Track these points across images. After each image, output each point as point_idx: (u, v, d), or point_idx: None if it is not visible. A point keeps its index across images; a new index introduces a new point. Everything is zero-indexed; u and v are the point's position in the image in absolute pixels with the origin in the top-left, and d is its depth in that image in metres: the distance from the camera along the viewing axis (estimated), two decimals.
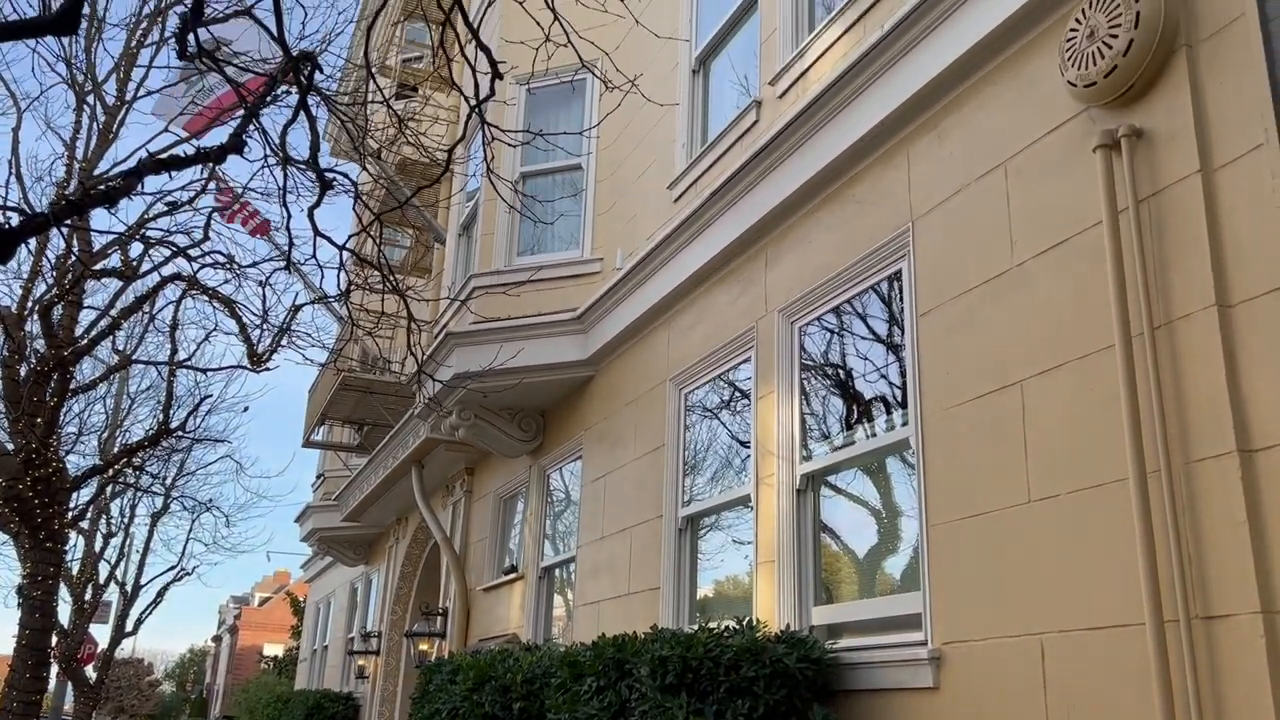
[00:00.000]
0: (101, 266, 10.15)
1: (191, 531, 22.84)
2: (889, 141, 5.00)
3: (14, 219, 4.03)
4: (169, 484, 20.01)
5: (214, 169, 8.43)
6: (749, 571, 5.74)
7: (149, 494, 20.05)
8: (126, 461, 13.05)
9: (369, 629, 14.82)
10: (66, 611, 18.38)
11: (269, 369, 9.94)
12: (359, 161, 8.21)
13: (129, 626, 21.77)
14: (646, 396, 7.21)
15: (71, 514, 12.08)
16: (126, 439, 17.99)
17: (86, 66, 10.14)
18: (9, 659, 10.03)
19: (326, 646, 18.66)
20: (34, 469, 9.43)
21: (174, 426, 11.57)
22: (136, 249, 9.92)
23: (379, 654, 13.86)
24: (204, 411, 15.54)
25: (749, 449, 5.90)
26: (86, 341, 10.25)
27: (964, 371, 4.27)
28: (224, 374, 20.03)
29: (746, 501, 5.82)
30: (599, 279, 8.14)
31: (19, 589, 10.11)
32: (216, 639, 57.95)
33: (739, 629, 4.77)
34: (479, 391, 8.16)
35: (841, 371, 5.40)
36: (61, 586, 13.65)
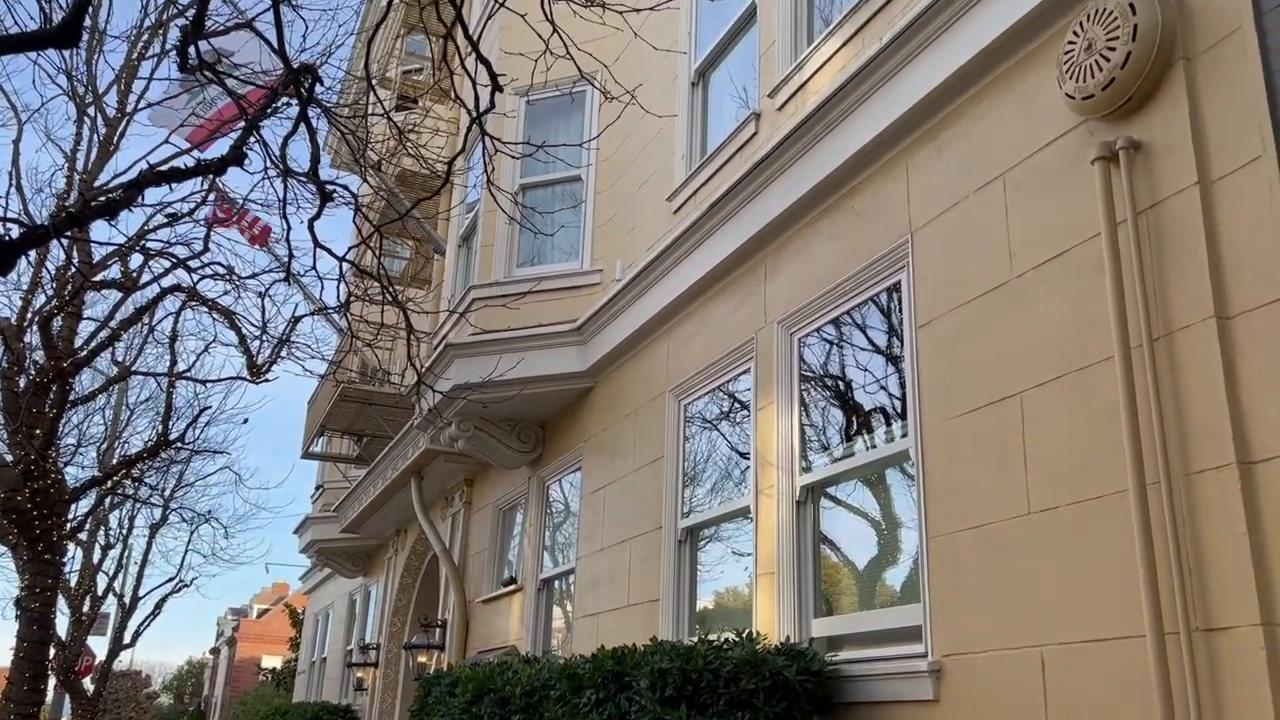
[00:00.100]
0: (101, 278, 10.15)
1: (190, 543, 22.89)
2: (888, 153, 5.01)
3: (14, 231, 4.04)
4: (168, 495, 19.98)
5: (214, 181, 8.45)
6: (749, 583, 5.73)
7: (148, 505, 20.02)
8: (125, 473, 13.04)
9: (367, 641, 14.78)
10: (64, 623, 18.34)
11: (268, 380, 9.93)
12: (359, 173, 8.23)
13: (127, 638, 21.72)
14: (646, 408, 7.21)
15: (70, 525, 12.06)
16: (125, 450, 17.97)
17: (87, 78, 10.17)
18: (7, 671, 10.00)
19: (325, 658, 18.60)
20: (33, 480, 9.42)
21: (173, 438, 11.55)
22: (136, 260, 9.94)
23: (378, 666, 13.81)
24: (203, 423, 15.55)
25: (748, 460, 5.90)
26: (86, 353, 10.25)
27: (963, 383, 4.27)
28: (223, 385, 19.99)
29: (746, 513, 5.81)
30: (599, 290, 8.15)
31: (17, 601, 10.09)
32: (214, 651, 57.76)
33: (739, 641, 4.75)
34: (478, 403, 8.15)
35: (841, 383, 5.40)
36: (59, 598, 13.63)
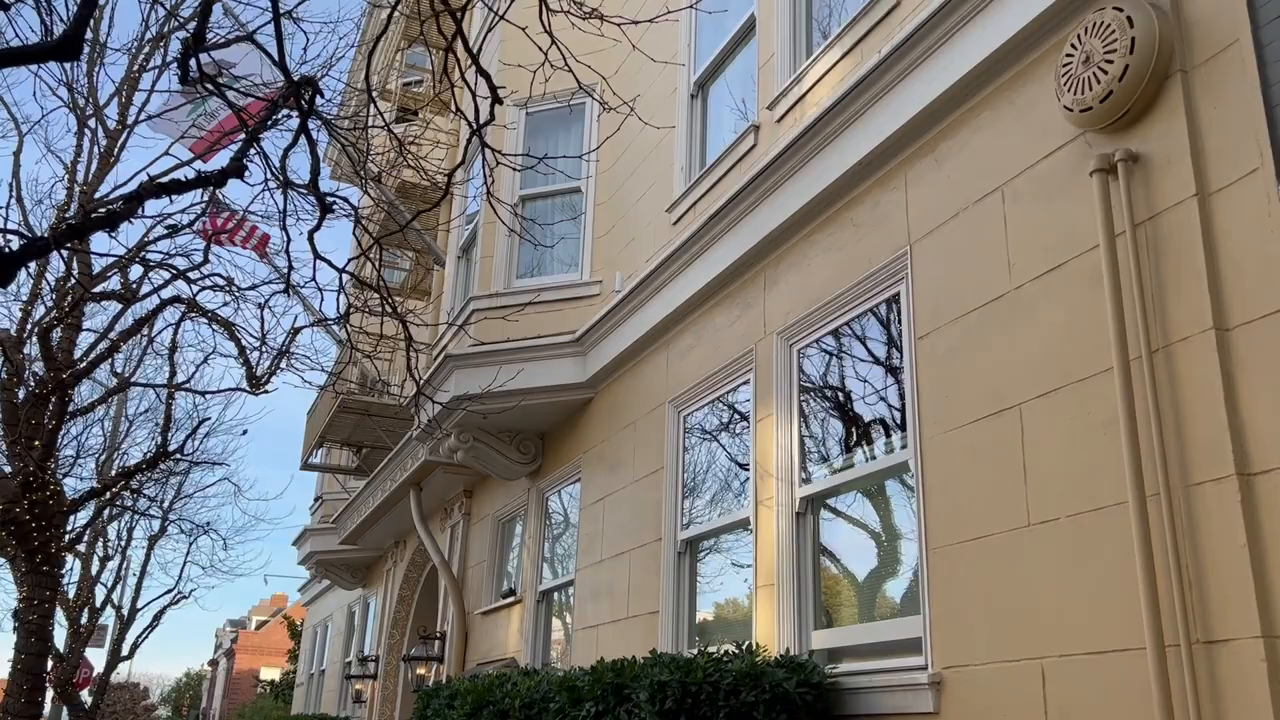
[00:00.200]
0: (101, 289, 10.17)
1: (189, 555, 22.81)
2: (887, 165, 5.02)
3: (14, 242, 4.05)
4: (166, 507, 19.94)
5: (214, 193, 8.46)
6: (748, 595, 5.72)
7: (146, 517, 19.98)
8: (124, 484, 13.02)
9: (366, 653, 14.74)
10: (62, 635, 18.28)
11: (268, 392, 9.94)
12: (359, 185, 8.24)
13: (125, 650, 21.65)
14: (645, 419, 7.21)
15: (68, 537, 12.03)
16: (124, 462, 17.95)
17: (88, 90, 10.20)
18: (4, 683, 9.98)
19: (324, 670, 18.55)
20: (31, 492, 9.40)
21: (172, 449, 11.54)
22: (136, 272, 9.96)
23: (376, 678, 13.77)
24: (202, 434, 15.54)
25: (748, 472, 5.89)
26: (85, 364, 10.25)
27: (963, 394, 4.27)
28: (222, 396, 20.03)
29: (746, 524, 5.81)
30: (598, 301, 8.16)
31: (15, 613, 10.06)
32: (213, 663, 57.62)
33: (738, 653, 4.74)
34: (478, 414, 8.15)
35: (840, 394, 5.40)
36: (57, 610, 13.58)
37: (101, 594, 20.56)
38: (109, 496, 13.96)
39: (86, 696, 19.95)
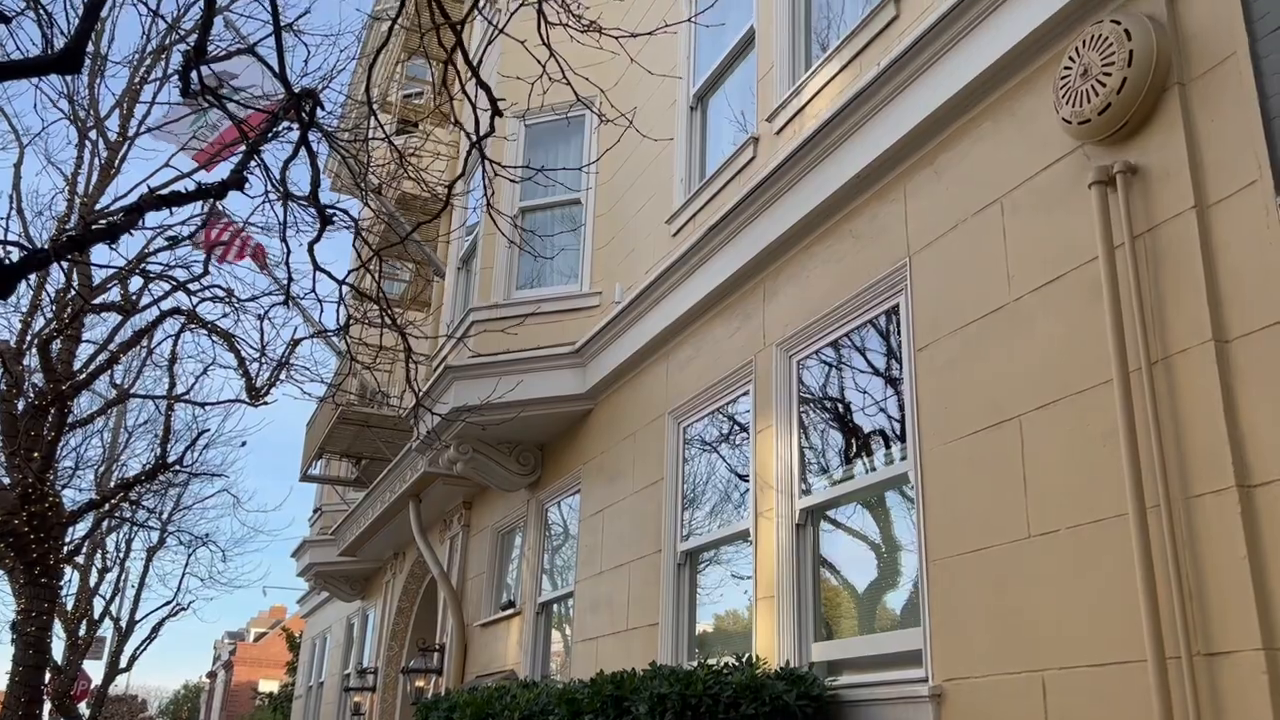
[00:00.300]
0: (101, 301, 10.17)
1: (187, 566, 22.74)
2: (886, 177, 5.03)
3: (14, 254, 4.05)
4: (165, 518, 19.93)
5: (214, 204, 8.47)
6: (748, 607, 5.70)
7: (145, 528, 19.97)
8: (123, 496, 13.01)
9: (365, 665, 14.69)
10: (60, 647, 18.24)
11: (267, 403, 9.96)
12: (360, 196, 8.26)
13: (123, 662, 21.60)
14: (645, 430, 7.20)
15: (67, 549, 12.02)
16: (123, 473, 17.93)
17: (89, 102, 10.23)
18: (2, 695, 9.94)
19: (322, 683, 18.48)
20: (30, 504, 9.39)
21: (171, 461, 11.54)
22: (136, 283, 9.96)
23: (375, 691, 13.72)
24: (201, 446, 15.51)
25: (748, 483, 5.89)
26: (85, 376, 10.25)
27: (962, 406, 4.27)
28: (222, 408, 20.03)
29: (746, 536, 5.80)
30: (598, 312, 8.16)
31: (13, 625, 10.04)
32: (211, 675, 57.41)
33: (738, 666, 4.73)
34: (477, 425, 8.15)
35: (840, 405, 5.40)
36: (55, 622, 13.55)
37: (100, 606, 20.54)
38: (108, 508, 13.94)
39: (84, 709, 19.90)
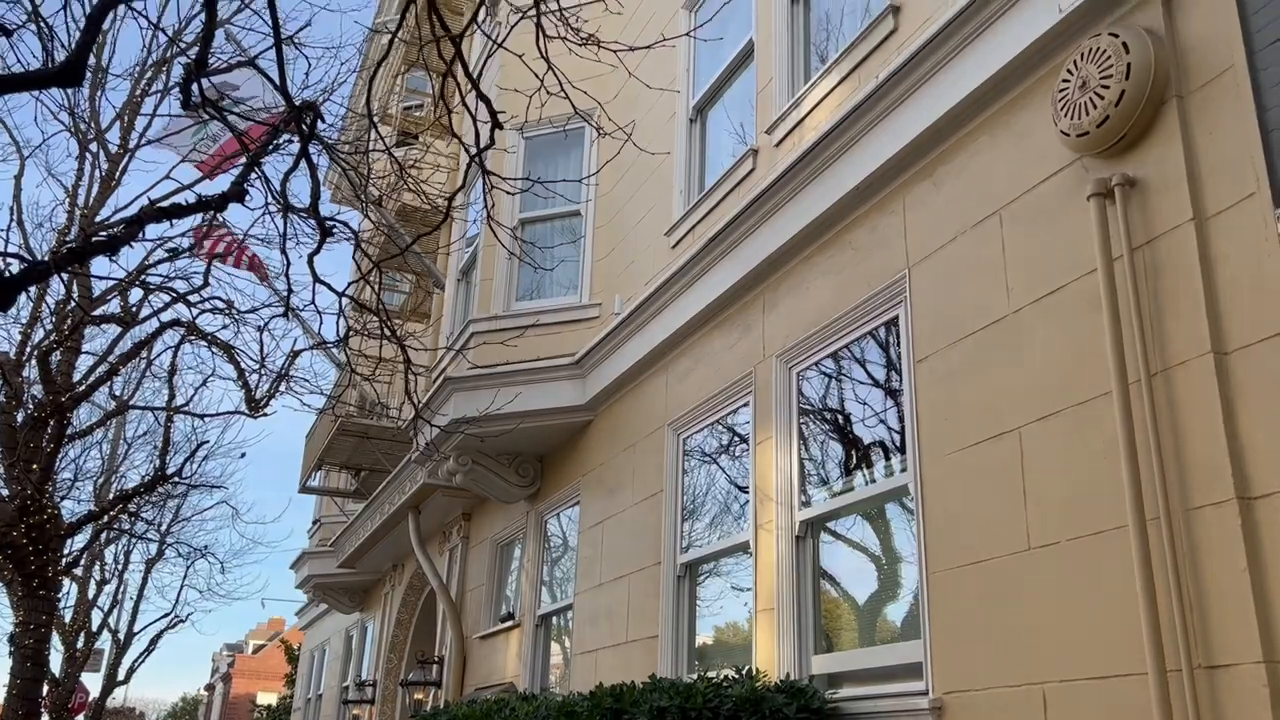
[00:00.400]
0: (101, 312, 10.18)
1: (186, 578, 22.69)
2: (885, 189, 5.04)
3: (15, 266, 4.06)
4: (164, 530, 19.89)
5: (215, 217, 8.48)
6: (748, 619, 5.69)
7: (144, 540, 19.93)
8: (122, 508, 12.98)
9: (364, 677, 14.64)
10: (58, 660, 18.19)
11: (266, 414, 9.93)
12: (360, 208, 8.27)
13: (121, 675, 21.54)
14: (644, 441, 7.20)
15: (65, 561, 11.99)
16: (122, 485, 17.91)
17: (90, 115, 10.25)
18: (0, 709, 9.90)
19: (321, 695, 18.42)
20: (29, 515, 9.38)
21: (170, 472, 11.53)
22: (136, 295, 9.96)
23: (374, 703, 13.67)
24: (201, 457, 15.50)
25: (748, 495, 5.88)
26: (84, 387, 10.25)
27: (962, 418, 4.27)
28: (221, 420, 20.03)
29: (746, 548, 5.79)
30: (597, 324, 8.17)
31: (11, 637, 10.01)
32: (209, 687, 57.23)
33: (738, 678, 4.72)
34: (477, 437, 8.14)
35: (840, 417, 5.40)
36: (53, 634, 13.51)
37: (98, 618, 20.49)
38: (106, 520, 13.91)
39: None
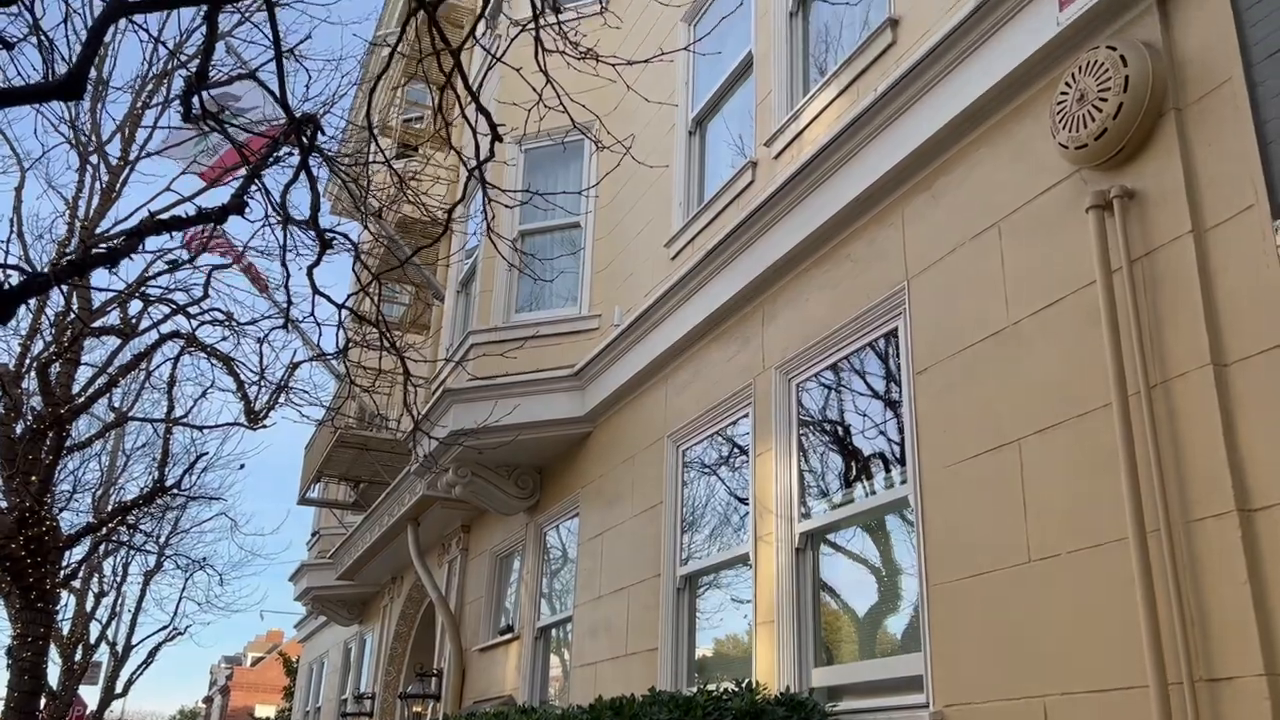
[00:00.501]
0: (100, 324, 10.17)
1: (184, 590, 22.61)
2: (884, 201, 5.05)
3: (15, 278, 4.06)
4: (163, 542, 19.83)
5: (214, 228, 8.48)
6: (748, 631, 5.67)
7: (142, 552, 19.86)
8: (120, 519, 12.95)
9: (363, 690, 14.60)
10: (56, 673, 18.11)
11: (266, 426, 9.91)
12: (360, 220, 8.28)
13: (119, 688, 21.44)
14: (644, 453, 7.19)
15: (64, 573, 11.95)
16: (121, 496, 17.88)
17: (90, 127, 10.26)
18: None
19: (319, 708, 18.36)
20: (27, 527, 9.35)
21: (169, 484, 11.50)
22: (135, 306, 9.96)
23: (372, 716, 13.63)
24: (200, 469, 15.48)
25: (747, 506, 5.87)
26: (84, 399, 10.23)
27: (962, 430, 4.26)
28: (220, 431, 19.96)
29: (745, 560, 5.78)
30: (597, 335, 8.17)
31: (8, 650, 9.97)
32: (208, 700, 57.04)
33: (738, 691, 4.70)
34: (476, 448, 8.14)
35: (840, 429, 5.39)
36: (51, 647, 13.46)
37: (96, 630, 20.41)
38: (105, 532, 13.87)
39: None
